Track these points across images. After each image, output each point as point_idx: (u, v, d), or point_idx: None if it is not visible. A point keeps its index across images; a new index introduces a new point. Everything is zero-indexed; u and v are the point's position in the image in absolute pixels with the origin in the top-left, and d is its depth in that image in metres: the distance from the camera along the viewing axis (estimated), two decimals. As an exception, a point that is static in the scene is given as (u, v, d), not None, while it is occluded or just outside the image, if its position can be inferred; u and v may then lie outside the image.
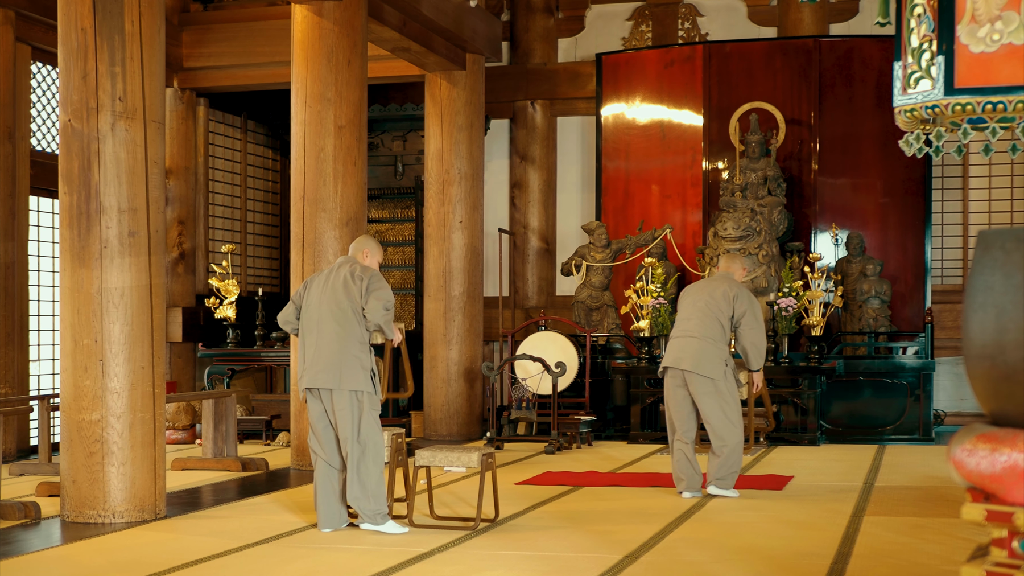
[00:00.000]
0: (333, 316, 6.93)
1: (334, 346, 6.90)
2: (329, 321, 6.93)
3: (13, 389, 11.15)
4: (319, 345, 6.94)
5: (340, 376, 6.87)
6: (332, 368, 6.89)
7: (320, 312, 6.97)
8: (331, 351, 6.90)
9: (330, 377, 6.88)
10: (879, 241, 13.12)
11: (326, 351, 6.91)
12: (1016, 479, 3.39)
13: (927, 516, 7.40)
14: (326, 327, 6.93)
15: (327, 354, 6.90)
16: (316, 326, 6.97)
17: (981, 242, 3.60)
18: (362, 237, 7.40)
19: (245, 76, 13.45)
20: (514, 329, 13.40)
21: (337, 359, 6.89)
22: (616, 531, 6.94)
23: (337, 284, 6.98)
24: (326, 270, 7.20)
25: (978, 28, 4.97)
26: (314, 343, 6.97)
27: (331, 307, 6.95)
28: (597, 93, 13.98)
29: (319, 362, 6.92)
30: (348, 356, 6.90)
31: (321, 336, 6.94)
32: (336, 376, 6.87)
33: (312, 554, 6.36)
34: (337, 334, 6.91)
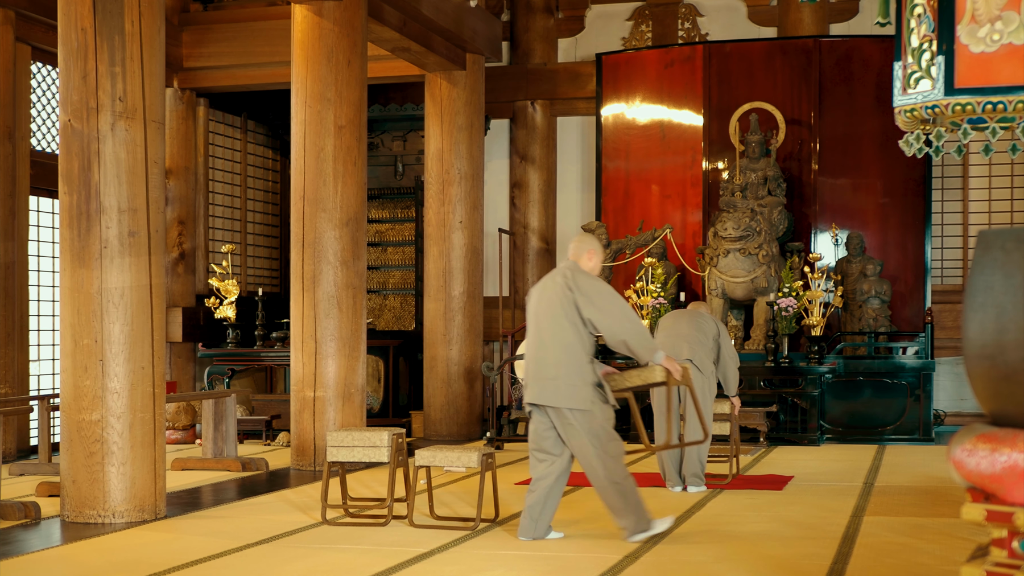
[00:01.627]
0: (552, 328, 6.43)
1: (557, 358, 6.41)
2: (548, 333, 6.45)
3: (13, 389, 11.15)
4: (538, 359, 6.47)
5: (559, 394, 6.40)
6: (552, 384, 6.41)
7: (539, 324, 6.50)
8: (550, 365, 6.42)
9: (552, 395, 6.41)
10: (879, 241, 13.12)
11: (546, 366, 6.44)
12: (1016, 479, 3.39)
13: (927, 516, 7.40)
14: (546, 340, 6.46)
15: (547, 369, 6.43)
16: (536, 338, 6.50)
17: (981, 242, 3.60)
18: (584, 236, 6.79)
19: (245, 76, 13.45)
20: (514, 329, 13.39)
21: (554, 374, 6.40)
22: (616, 531, 6.93)
23: (555, 293, 6.48)
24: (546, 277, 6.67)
25: (978, 28, 4.97)
26: (533, 357, 6.50)
27: (549, 319, 6.47)
28: (597, 93, 13.98)
29: (540, 378, 6.45)
30: (570, 371, 6.41)
31: (541, 349, 6.47)
32: (555, 394, 6.40)
33: (312, 554, 6.36)
34: (558, 347, 6.42)
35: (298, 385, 10.13)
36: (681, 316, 8.85)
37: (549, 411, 6.49)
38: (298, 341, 10.13)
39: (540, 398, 6.46)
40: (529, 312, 6.66)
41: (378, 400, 13.27)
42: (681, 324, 8.71)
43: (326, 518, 7.33)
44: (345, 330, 10.05)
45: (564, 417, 6.45)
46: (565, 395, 6.41)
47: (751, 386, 12.02)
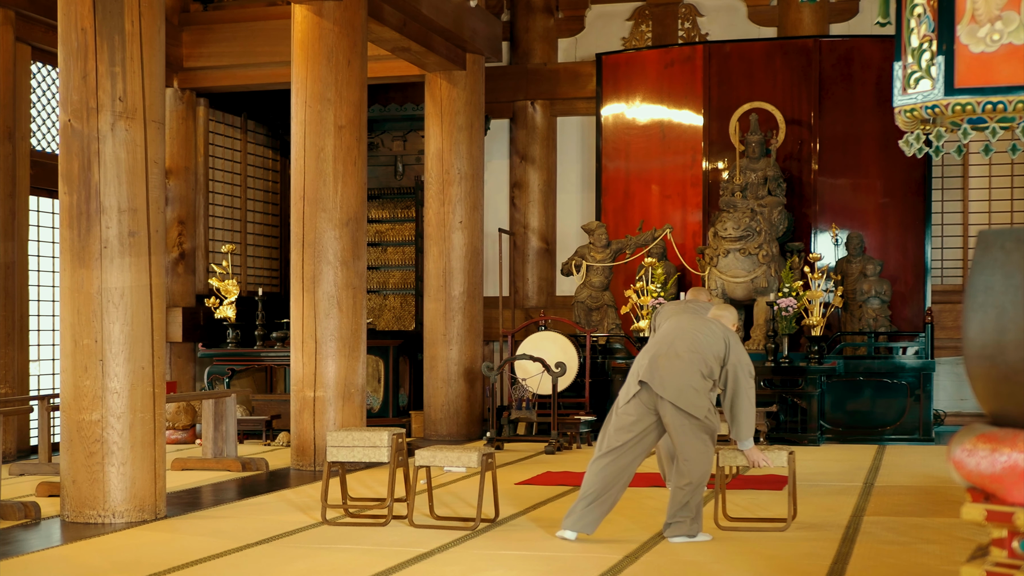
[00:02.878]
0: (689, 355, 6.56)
1: (684, 367, 6.54)
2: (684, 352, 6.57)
3: (13, 389, 11.15)
4: (664, 359, 6.55)
5: (680, 393, 6.50)
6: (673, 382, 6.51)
7: (675, 342, 6.61)
8: (678, 370, 6.53)
9: (670, 390, 6.50)
10: (879, 241, 13.12)
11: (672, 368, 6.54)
12: (1016, 479, 3.39)
13: (927, 516, 7.40)
14: (680, 351, 6.56)
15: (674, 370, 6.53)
16: (668, 348, 6.58)
17: (981, 242, 3.60)
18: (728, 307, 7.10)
19: (245, 76, 13.45)
20: (514, 329, 13.39)
21: (682, 377, 6.52)
22: (616, 531, 6.93)
23: (699, 325, 6.70)
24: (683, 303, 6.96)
25: (978, 28, 4.97)
26: (656, 357, 6.57)
27: (687, 338, 6.61)
28: (597, 93, 13.98)
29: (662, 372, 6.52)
30: (694, 380, 6.55)
31: (672, 357, 6.55)
32: (676, 391, 6.50)
33: (312, 554, 6.36)
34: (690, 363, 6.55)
35: (298, 385, 10.13)
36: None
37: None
38: (298, 341, 10.13)
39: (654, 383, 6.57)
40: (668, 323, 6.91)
41: (378, 400, 13.27)
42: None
43: (326, 518, 7.33)
44: (345, 330, 10.05)
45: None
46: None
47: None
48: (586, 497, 6.57)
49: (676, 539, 6.56)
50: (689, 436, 6.53)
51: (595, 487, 6.55)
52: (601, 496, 6.55)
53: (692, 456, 6.54)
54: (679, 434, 6.53)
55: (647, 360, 6.61)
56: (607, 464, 6.58)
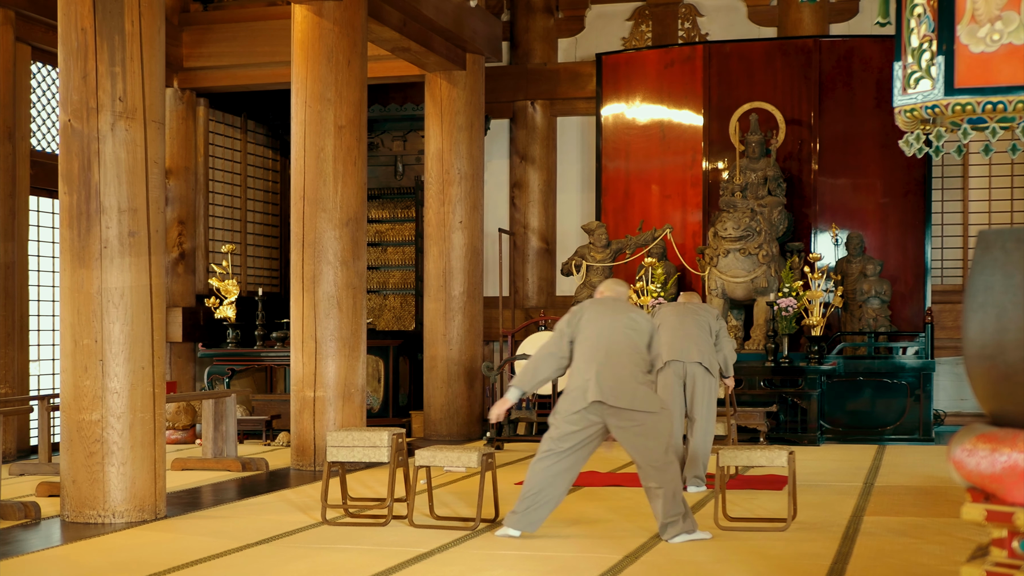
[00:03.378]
0: (629, 347, 6.61)
1: (628, 372, 6.58)
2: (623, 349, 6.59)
3: (13, 389, 11.15)
4: (607, 369, 6.55)
5: (634, 398, 6.55)
6: (626, 389, 6.55)
7: (611, 337, 6.60)
8: (624, 376, 6.57)
9: (623, 398, 6.53)
10: (879, 241, 13.12)
11: (617, 376, 6.56)
12: (1016, 479, 3.39)
13: (927, 516, 7.40)
14: (618, 354, 6.58)
15: (620, 377, 6.56)
16: (607, 358, 6.57)
17: (981, 242, 3.60)
18: (617, 281, 7.09)
19: (245, 76, 13.45)
20: (514, 329, 13.39)
21: (630, 382, 6.57)
22: (616, 531, 6.94)
23: (628, 321, 6.68)
24: (594, 301, 6.82)
25: (978, 28, 4.96)
26: (601, 370, 6.56)
27: (624, 340, 6.62)
28: (597, 93, 13.98)
29: (610, 384, 6.54)
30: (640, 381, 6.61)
31: (612, 366, 6.56)
32: (630, 397, 6.54)
33: (312, 554, 6.36)
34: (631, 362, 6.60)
35: (298, 385, 10.13)
36: (685, 313, 8.75)
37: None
38: (298, 341, 10.13)
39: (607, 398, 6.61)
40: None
41: (378, 400, 13.27)
42: (687, 323, 8.66)
43: (326, 518, 7.33)
44: (345, 330, 10.05)
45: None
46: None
47: (751, 386, 12.03)
48: (529, 497, 6.64)
49: (677, 539, 6.55)
50: (652, 438, 6.55)
51: (539, 487, 6.62)
52: (545, 495, 6.63)
53: (663, 455, 6.57)
54: (644, 439, 6.55)
55: (592, 375, 6.54)
56: (550, 465, 6.64)
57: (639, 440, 6.55)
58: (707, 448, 8.65)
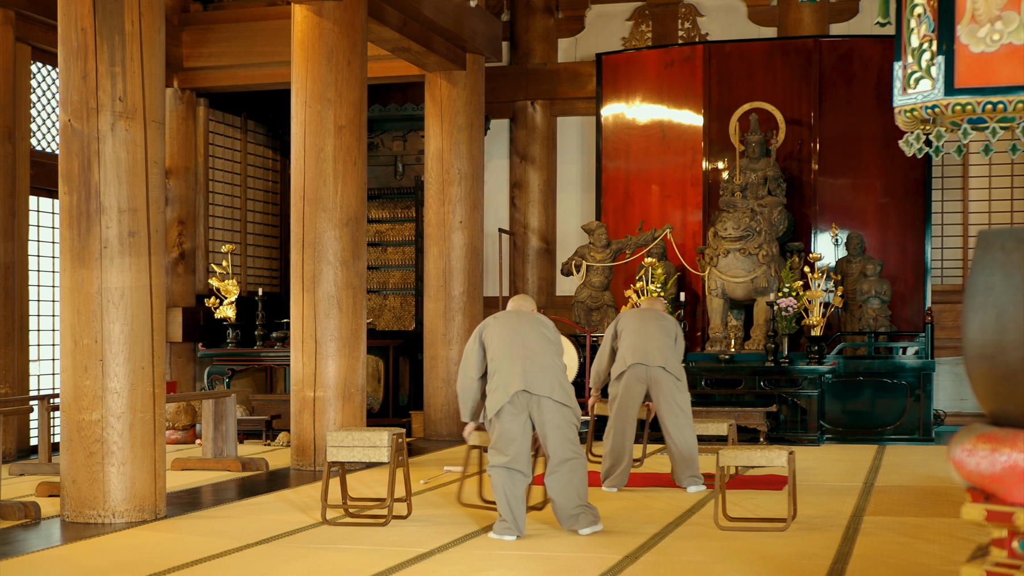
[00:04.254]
0: (541, 339, 6.87)
1: (546, 361, 6.82)
2: (537, 342, 6.84)
3: (13, 389, 11.14)
4: (526, 360, 6.77)
5: (554, 387, 6.78)
6: (547, 378, 6.78)
7: (525, 341, 6.83)
8: (543, 364, 6.81)
9: (545, 386, 6.76)
10: (879, 241, 13.12)
11: (537, 364, 6.79)
12: (1016, 479, 3.39)
13: (927, 516, 7.40)
14: (534, 346, 6.82)
15: (539, 366, 6.79)
16: (521, 351, 6.79)
17: (981, 242, 3.60)
18: (525, 296, 7.36)
19: (245, 76, 13.45)
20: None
21: (552, 371, 6.82)
22: (616, 531, 6.94)
23: (535, 320, 6.98)
24: (504, 312, 7.09)
25: (978, 28, 4.97)
26: (521, 358, 6.77)
27: (534, 334, 6.87)
28: (597, 93, 13.98)
29: (531, 372, 6.75)
30: (560, 371, 6.86)
31: (528, 352, 6.79)
32: (550, 386, 6.77)
33: (312, 554, 6.36)
34: (547, 352, 6.85)
35: (298, 385, 10.12)
36: (648, 318, 8.81)
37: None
38: (298, 341, 10.13)
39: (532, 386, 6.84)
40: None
41: (378, 400, 13.27)
42: (650, 327, 8.69)
43: (326, 518, 7.33)
44: (345, 330, 10.05)
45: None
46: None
47: (751, 386, 12.03)
48: (505, 508, 6.72)
49: (586, 530, 6.82)
50: (567, 430, 6.82)
51: (507, 498, 6.71)
52: (519, 501, 6.74)
53: (573, 446, 6.83)
54: (560, 432, 6.78)
55: (518, 369, 6.73)
56: (507, 474, 6.74)
57: (556, 432, 6.78)
58: (692, 447, 8.62)
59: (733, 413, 11.30)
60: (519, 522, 6.72)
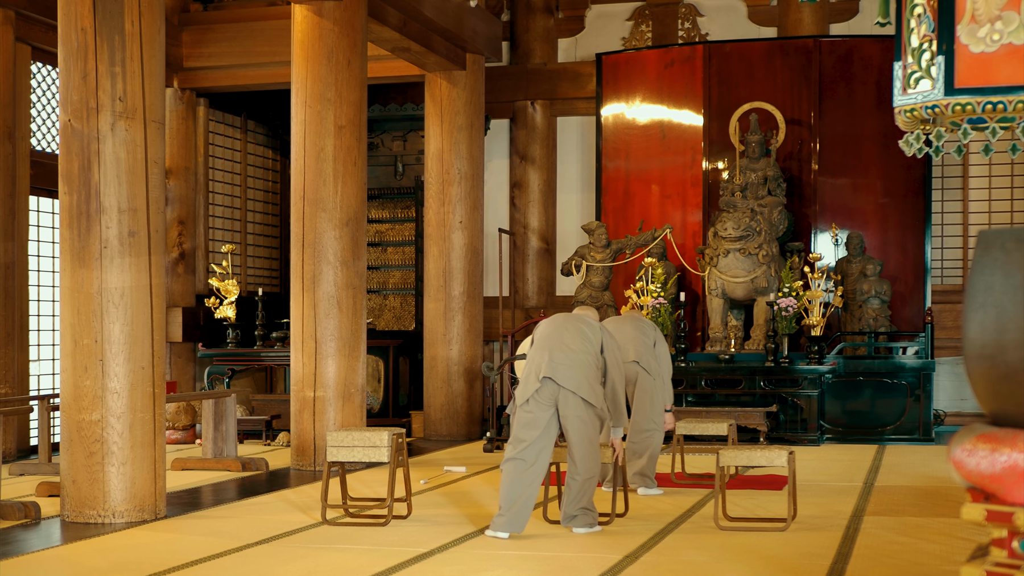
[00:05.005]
0: (579, 337, 6.88)
1: (577, 357, 6.82)
2: (574, 339, 6.86)
3: (13, 389, 11.14)
4: (555, 350, 6.80)
5: (580, 383, 6.77)
6: (575, 373, 6.79)
7: (563, 336, 6.87)
8: (577, 361, 6.81)
9: (573, 380, 6.77)
10: (879, 241, 13.12)
11: (567, 358, 6.80)
12: (1016, 479, 3.39)
13: (927, 516, 7.40)
14: (570, 342, 6.84)
15: (569, 361, 6.80)
16: (555, 343, 6.83)
17: (981, 242, 3.60)
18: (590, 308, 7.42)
19: (245, 76, 13.45)
20: (514, 329, 13.39)
21: (581, 368, 6.81)
22: (616, 531, 6.94)
23: (577, 319, 7.02)
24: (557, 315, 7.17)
25: (978, 28, 4.97)
26: (550, 351, 6.80)
27: (575, 335, 6.88)
28: (597, 93, 13.98)
29: (559, 364, 6.77)
30: (591, 370, 6.85)
31: (560, 348, 6.81)
32: (577, 382, 6.77)
33: (312, 554, 6.36)
34: (583, 350, 6.84)
35: (298, 385, 10.13)
36: (623, 320, 8.89)
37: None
38: (298, 341, 10.13)
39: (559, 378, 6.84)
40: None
41: (378, 400, 13.27)
42: (626, 326, 8.72)
43: (326, 518, 7.33)
44: (345, 330, 10.05)
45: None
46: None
47: (751, 386, 12.03)
48: (508, 501, 6.71)
49: (581, 530, 6.86)
50: (588, 428, 6.82)
51: (514, 492, 6.71)
52: (524, 496, 6.73)
53: (588, 450, 6.84)
54: (582, 425, 6.80)
55: (546, 357, 6.81)
56: (518, 467, 6.74)
57: (578, 429, 6.79)
58: (652, 446, 8.59)
59: (733, 413, 11.30)
60: (518, 516, 6.68)
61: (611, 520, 7.16)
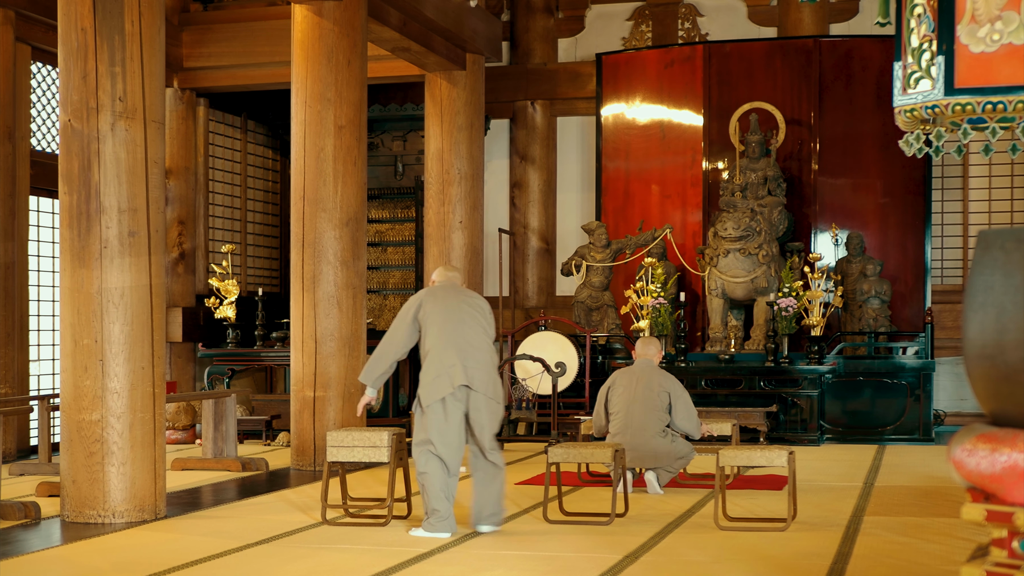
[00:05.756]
0: (479, 328, 6.91)
1: (483, 354, 6.88)
2: (477, 335, 6.88)
3: (13, 389, 11.15)
4: (467, 351, 6.83)
5: (487, 383, 6.85)
6: (485, 373, 6.85)
7: (462, 324, 6.87)
8: (482, 358, 6.86)
9: (484, 382, 6.84)
10: (879, 241, 13.12)
11: (476, 357, 6.84)
12: (1016, 479, 3.39)
13: (927, 516, 7.40)
14: (472, 337, 6.86)
15: (478, 360, 6.84)
16: (461, 342, 6.83)
17: (981, 242, 3.60)
18: (450, 267, 7.37)
19: (245, 76, 13.45)
20: (514, 329, 13.39)
21: (489, 366, 6.89)
22: (616, 531, 6.94)
23: (464, 304, 6.96)
24: (434, 289, 7.07)
25: (978, 28, 4.96)
26: (460, 349, 6.81)
27: (472, 321, 6.90)
28: (597, 93, 13.98)
29: (471, 366, 6.81)
30: (493, 366, 6.92)
31: (469, 345, 6.84)
32: (487, 382, 6.85)
33: (312, 554, 6.36)
34: (485, 344, 6.90)
35: (298, 385, 10.12)
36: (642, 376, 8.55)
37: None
38: (298, 341, 10.13)
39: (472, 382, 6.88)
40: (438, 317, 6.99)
41: (378, 400, 13.25)
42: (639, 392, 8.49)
43: (326, 518, 7.33)
44: (345, 330, 10.05)
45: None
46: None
47: (751, 386, 12.03)
48: (435, 502, 6.82)
49: (487, 528, 6.93)
50: (496, 423, 6.94)
51: (438, 493, 6.82)
52: (447, 493, 6.85)
53: (494, 440, 6.95)
54: (493, 421, 6.91)
55: (458, 362, 6.79)
56: (437, 468, 6.85)
57: (487, 428, 6.87)
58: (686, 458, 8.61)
59: (733, 413, 11.30)
60: (453, 517, 6.86)
61: (611, 520, 7.16)
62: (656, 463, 8.40)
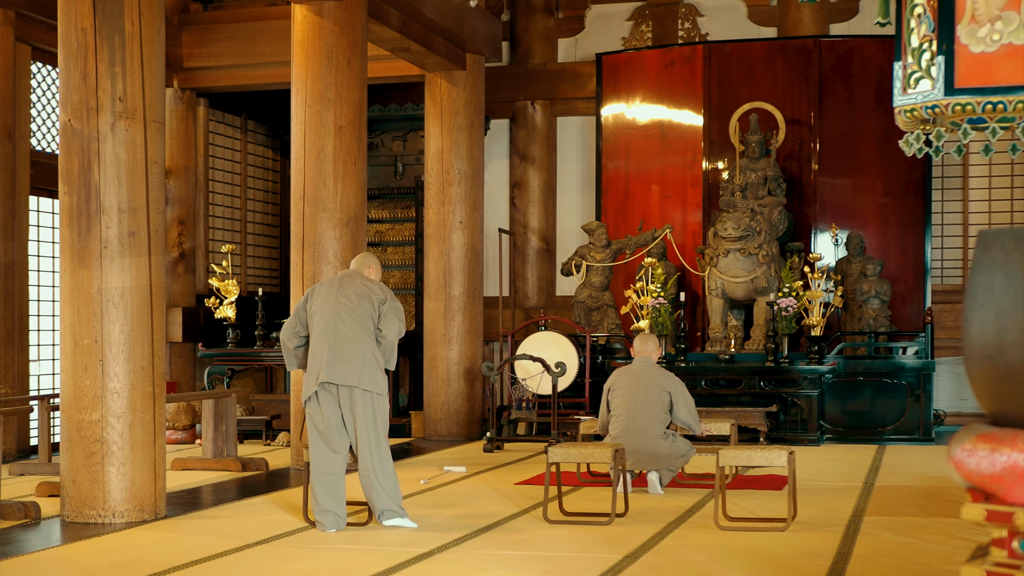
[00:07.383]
0: (352, 320, 6.95)
1: (354, 347, 6.93)
2: (348, 324, 6.95)
3: (13, 389, 11.15)
4: (336, 345, 6.92)
5: (361, 375, 6.92)
6: (354, 367, 6.91)
7: (337, 317, 6.96)
8: (351, 351, 6.93)
9: (352, 375, 6.91)
10: (879, 241, 13.12)
11: (345, 351, 6.92)
12: (1016, 479, 3.39)
13: (927, 516, 7.40)
14: (344, 330, 6.94)
15: (347, 354, 6.92)
16: (333, 329, 6.95)
17: (981, 242, 3.60)
18: (366, 254, 7.45)
19: (245, 76, 13.45)
20: (514, 329, 13.40)
21: (359, 359, 6.93)
22: (616, 531, 6.94)
23: (350, 293, 7.01)
24: (328, 280, 7.25)
25: (978, 28, 4.97)
26: (330, 344, 6.93)
27: (348, 314, 6.96)
28: (597, 93, 13.98)
29: (338, 361, 6.91)
30: (368, 357, 6.95)
31: (339, 338, 6.93)
32: (357, 375, 6.91)
33: (312, 554, 6.36)
34: (357, 336, 6.94)
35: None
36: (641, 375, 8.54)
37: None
38: (298, 341, 10.11)
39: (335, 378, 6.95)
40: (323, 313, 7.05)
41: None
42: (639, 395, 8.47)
43: (326, 518, 7.32)
44: (345, 330, 10.04)
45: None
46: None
47: (751, 386, 12.03)
48: (325, 502, 6.95)
49: (392, 521, 7.03)
50: (379, 415, 7.00)
51: (327, 492, 6.96)
52: (338, 493, 7.01)
53: (382, 435, 7.02)
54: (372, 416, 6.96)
55: (327, 356, 6.91)
56: (322, 468, 6.99)
57: (364, 423, 6.94)
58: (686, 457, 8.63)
59: (733, 413, 11.30)
60: (343, 514, 6.98)
61: (611, 520, 7.17)
62: (658, 465, 8.40)
